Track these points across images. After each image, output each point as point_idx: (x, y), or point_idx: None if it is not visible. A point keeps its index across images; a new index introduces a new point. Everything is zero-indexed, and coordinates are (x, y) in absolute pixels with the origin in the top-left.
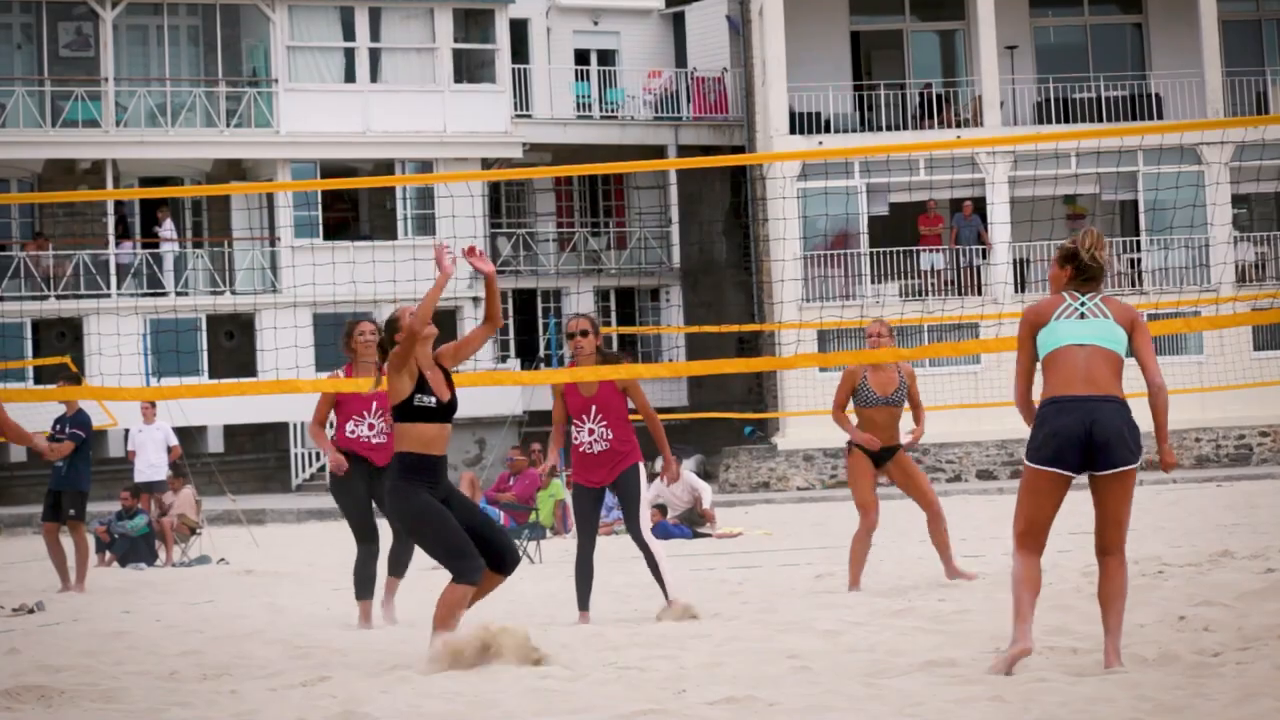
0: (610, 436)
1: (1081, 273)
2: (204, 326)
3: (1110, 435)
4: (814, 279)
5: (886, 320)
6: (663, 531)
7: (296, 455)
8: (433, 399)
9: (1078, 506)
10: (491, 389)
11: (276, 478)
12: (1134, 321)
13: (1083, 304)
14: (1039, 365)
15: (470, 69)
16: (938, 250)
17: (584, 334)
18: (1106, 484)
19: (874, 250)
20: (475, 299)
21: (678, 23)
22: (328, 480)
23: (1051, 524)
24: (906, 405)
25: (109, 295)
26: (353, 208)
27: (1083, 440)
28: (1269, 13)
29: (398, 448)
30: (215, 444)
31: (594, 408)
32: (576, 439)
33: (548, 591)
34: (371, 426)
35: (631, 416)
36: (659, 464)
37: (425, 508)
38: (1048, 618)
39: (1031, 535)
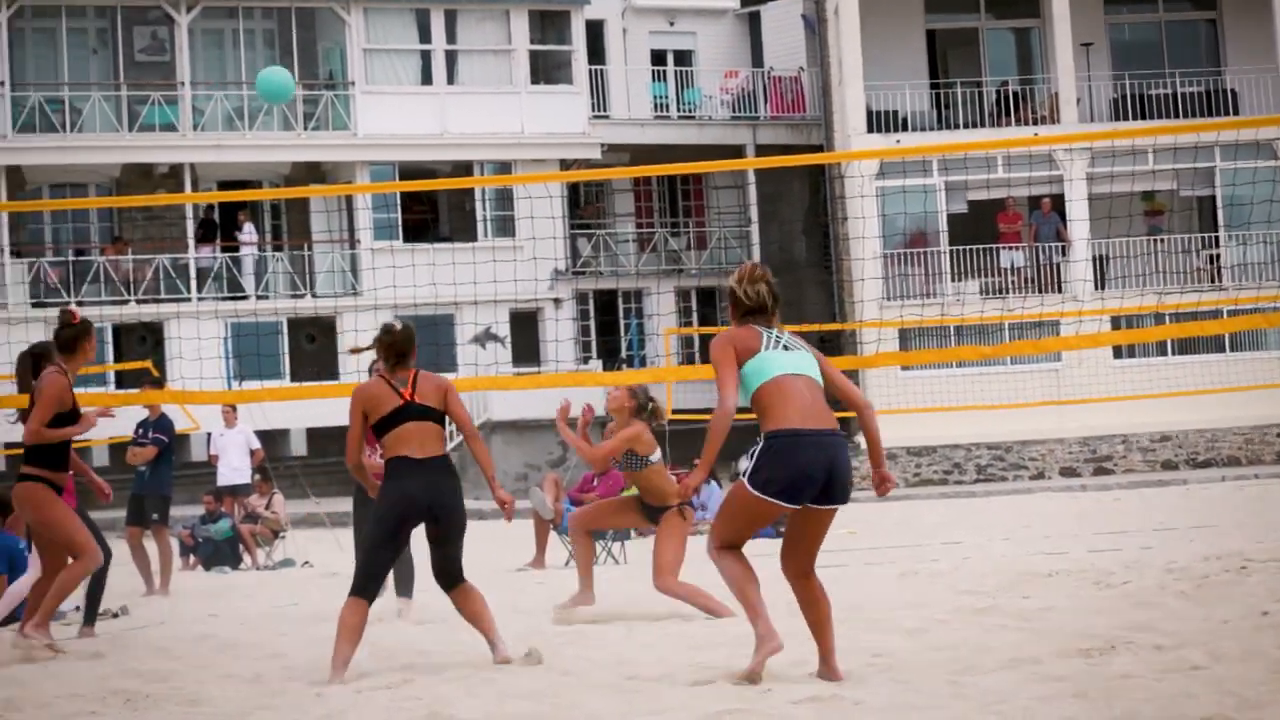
0: None
1: (740, 307)
2: (285, 329)
3: (846, 475)
4: (894, 277)
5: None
6: None
7: None
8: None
9: (1151, 502)
10: (574, 390)
11: (352, 483)
12: (818, 354)
13: (777, 337)
14: (750, 399)
15: (547, 70)
16: (1017, 248)
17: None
18: (823, 516)
19: (953, 248)
20: (556, 300)
21: (753, 22)
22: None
23: None
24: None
25: (189, 299)
26: (432, 209)
27: (824, 478)
28: None
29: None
30: (298, 447)
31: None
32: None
33: (633, 592)
34: None
35: None
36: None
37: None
38: (1131, 614)
39: (735, 546)
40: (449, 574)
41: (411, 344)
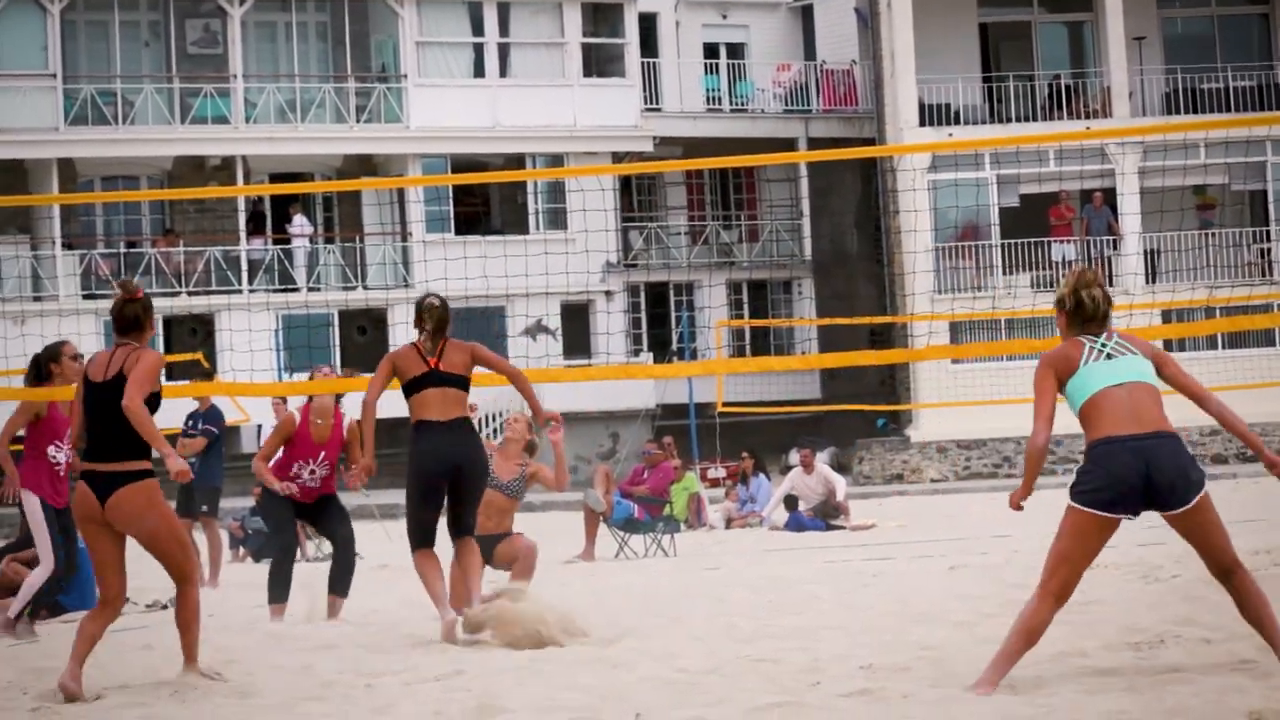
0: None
1: (1080, 314)
2: (336, 322)
3: (1172, 474)
4: (945, 270)
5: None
6: (796, 524)
7: None
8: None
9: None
10: (624, 383)
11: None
12: (1156, 353)
13: (1103, 345)
14: (1078, 417)
15: (599, 63)
16: (1068, 241)
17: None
18: (1183, 519)
19: (1005, 241)
20: (607, 293)
21: (806, 15)
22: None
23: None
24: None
25: (240, 291)
26: (484, 202)
27: (1141, 483)
28: None
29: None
30: None
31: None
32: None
33: (682, 585)
34: (313, 473)
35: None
36: (794, 457)
37: None
38: (1180, 608)
39: (1068, 584)
40: (461, 525)
41: (446, 318)
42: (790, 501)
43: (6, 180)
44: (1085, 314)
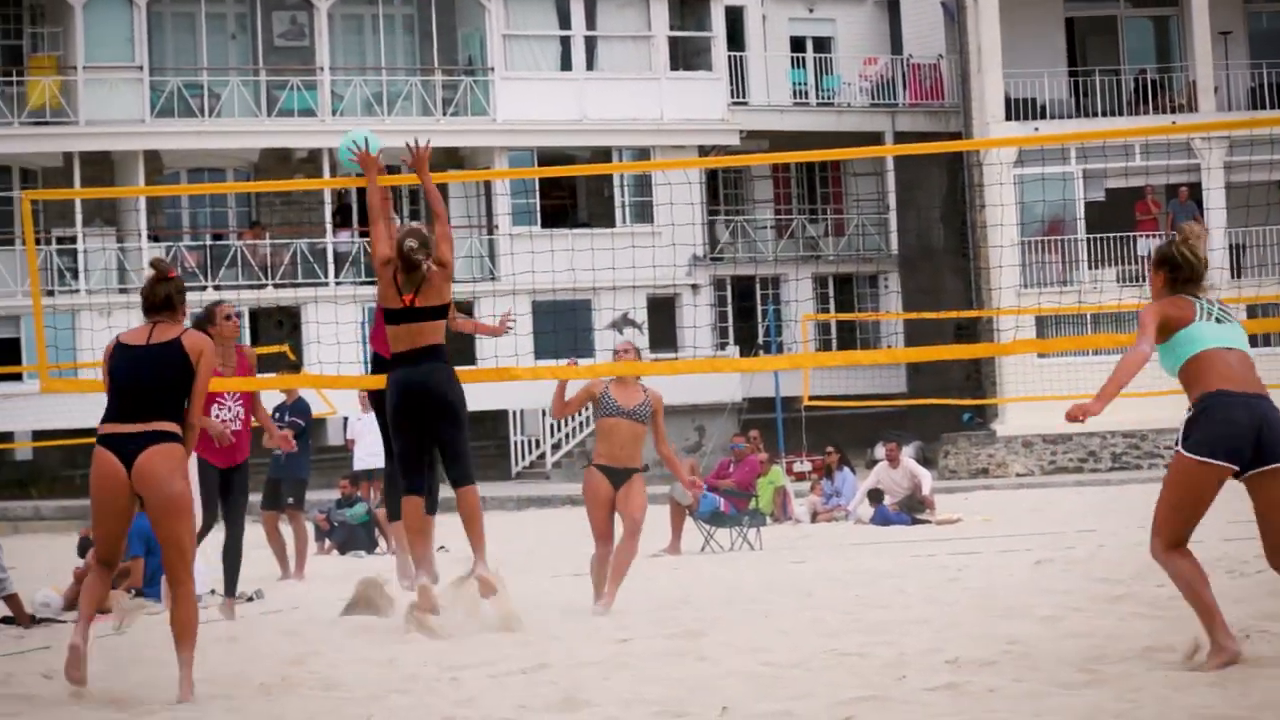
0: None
1: (1182, 273)
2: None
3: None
4: (1031, 265)
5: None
6: (882, 518)
7: (516, 443)
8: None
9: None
10: (711, 376)
11: (496, 465)
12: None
13: (1210, 307)
14: (1179, 370)
15: (686, 56)
16: (1154, 236)
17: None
18: (1276, 477)
19: (1090, 236)
20: (693, 286)
21: (892, 9)
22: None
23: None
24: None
25: (327, 284)
26: (570, 195)
27: (1254, 436)
28: None
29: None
30: None
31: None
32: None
33: (768, 579)
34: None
35: None
36: (879, 451)
37: None
38: (1262, 603)
39: (1179, 534)
40: (458, 473)
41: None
42: (875, 495)
43: (93, 172)
44: (1186, 274)
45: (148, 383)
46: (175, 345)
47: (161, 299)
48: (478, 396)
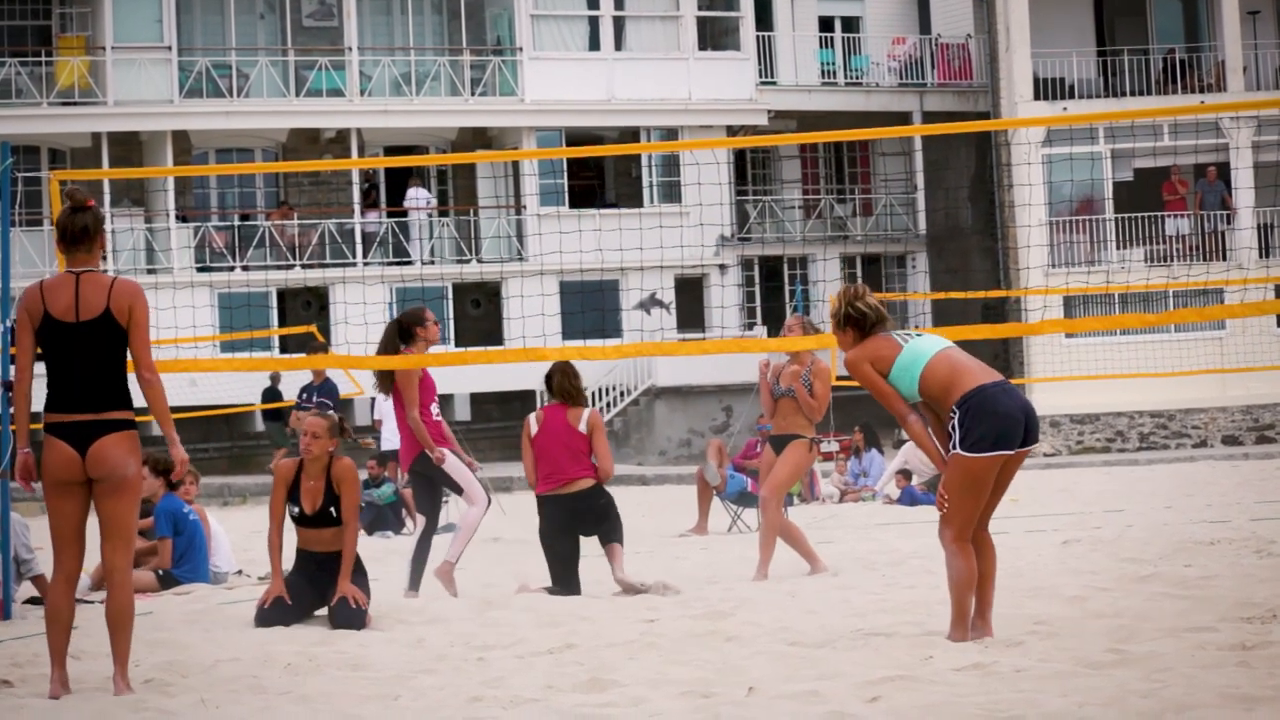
0: None
1: (865, 323)
2: (450, 295)
3: (1034, 414)
4: (1059, 245)
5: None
6: (909, 498)
7: None
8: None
9: None
10: (738, 356)
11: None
12: None
13: (905, 331)
14: (918, 386)
15: (714, 36)
16: (1182, 215)
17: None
18: (1020, 459)
19: (1118, 216)
20: (721, 266)
21: None
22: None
23: None
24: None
25: (355, 264)
26: (598, 175)
27: (1024, 418)
28: None
29: None
30: (462, 412)
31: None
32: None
33: (795, 559)
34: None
35: None
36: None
37: None
38: None
39: (972, 525)
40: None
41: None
42: (903, 475)
43: (121, 152)
44: (873, 320)
45: (90, 368)
46: (105, 319)
47: (79, 229)
48: (506, 376)
